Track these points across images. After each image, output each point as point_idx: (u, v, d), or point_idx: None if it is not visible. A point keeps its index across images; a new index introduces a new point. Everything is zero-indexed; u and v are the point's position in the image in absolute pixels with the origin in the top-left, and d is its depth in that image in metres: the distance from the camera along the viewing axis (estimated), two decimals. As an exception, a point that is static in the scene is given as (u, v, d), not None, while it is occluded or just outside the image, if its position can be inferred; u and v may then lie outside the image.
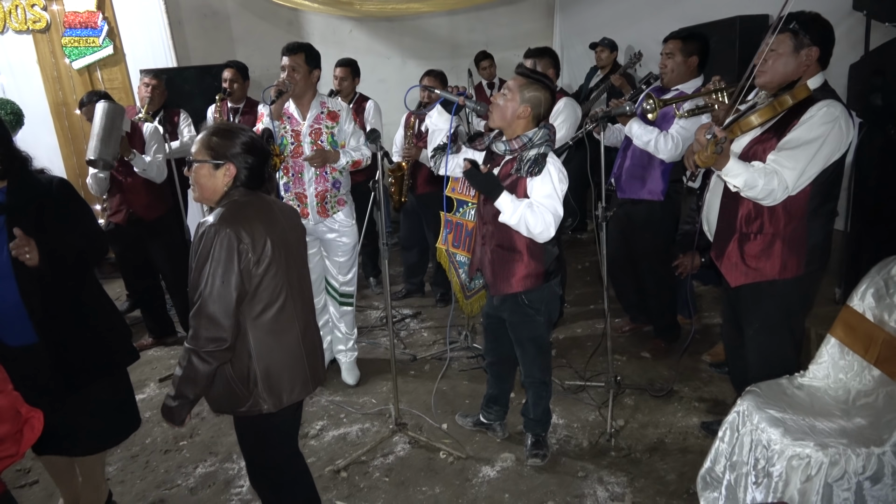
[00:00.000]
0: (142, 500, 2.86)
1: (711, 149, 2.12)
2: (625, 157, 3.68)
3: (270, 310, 1.97)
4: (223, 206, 1.93)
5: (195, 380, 1.92)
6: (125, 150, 3.80)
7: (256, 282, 1.92)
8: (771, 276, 2.43)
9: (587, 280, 5.22)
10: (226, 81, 4.65)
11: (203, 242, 1.85)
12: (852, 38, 3.94)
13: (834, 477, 1.98)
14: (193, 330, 1.87)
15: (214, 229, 1.84)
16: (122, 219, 4.06)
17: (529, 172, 2.48)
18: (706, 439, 2.93)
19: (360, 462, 3.00)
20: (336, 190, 3.50)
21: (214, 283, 1.84)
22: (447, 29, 7.29)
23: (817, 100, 2.28)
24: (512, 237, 2.61)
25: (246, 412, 2.01)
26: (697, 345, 3.83)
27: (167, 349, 4.40)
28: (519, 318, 2.75)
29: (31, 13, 5.31)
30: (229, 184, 1.97)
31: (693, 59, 3.40)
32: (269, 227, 1.95)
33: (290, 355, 2.05)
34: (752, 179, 2.23)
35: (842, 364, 2.41)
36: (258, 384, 1.98)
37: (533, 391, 2.91)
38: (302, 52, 3.33)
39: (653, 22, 5.73)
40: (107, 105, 3.67)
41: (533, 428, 2.97)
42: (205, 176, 1.96)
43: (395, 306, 4.73)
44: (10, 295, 2.22)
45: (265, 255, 1.91)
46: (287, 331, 2.03)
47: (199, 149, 1.97)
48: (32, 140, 5.43)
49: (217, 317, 1.85)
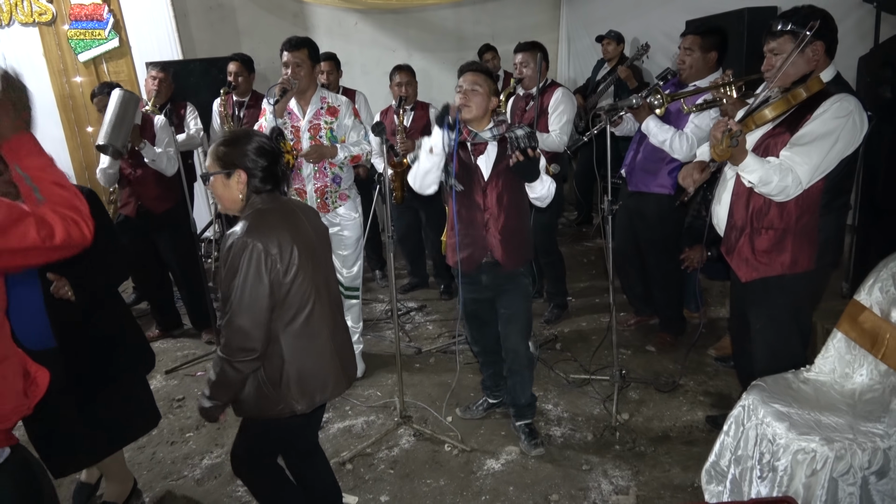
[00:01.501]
0: (149, 491, 2.88)
1: (727, 142, 2.11)
2: (637, 151, 3.65)
3: (300, 315, 1.98)
4: (248, 217, 1.94)
5: (227, 386, 1.96)
6: (136, 139, 3.80)
7: (285, 290, 1.93)
8: (781, 271, 2.42)
9: (592, 273, 5.21)
10: (230, 75, 4.65)
11: (232, 255, 1.87)
12: (862, 31, 3.91)
13: (839, 471, 1.98)
14: (225, 340, 1.90)
15: (242, 242, 1.86)
16: (132, 210, 4.07)
17: (533, 148, 2.60)
18: (711, 433, 2.92)
19: (366, 454, 3.02)
20: (336, 185, 3.49)
21: (244, 295, 1.86)
22: (453, 21, 7.26)
23: (831, 93, 2.25)
24: (515, 217, 2.76)
25: (278, 415, 2.02)
26: (703, 338, 3.81)
27: (174, 341, 4.42)
28: (514, 285, 2.86)
29: (37, 5, 5.31)
30: (244, 190, 1.98)
31: (712, 54, 3.35)
32: (295, 234, 1.96)
33: (321, 356, 2.06)
34: (767, 175, 2.21)
35: (848, 358, 2.39)
36: (290, 387, 1.99)
37: (522, 374, 2.97)
38: (305, 47, 3.32)
39: (660, 14, 5.69)
40: (122, 93, 3.68)
41: (525, 413, 3.04)
42: (220, 186, 1.98)
43: (400, 299, 4.74)
44: (35, 301, 2.27)
45: (293, 263, 1.92)
46: (318, 334, 2.04)
47: (210, 162, 1.99)
48: (38, 133, 5.41)
49: (247, 328, 1.87)
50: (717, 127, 2.22)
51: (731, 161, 2.25)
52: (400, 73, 4.39)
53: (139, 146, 3.84)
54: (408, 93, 4.34)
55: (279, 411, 2.01)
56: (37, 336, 2.28)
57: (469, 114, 2.66)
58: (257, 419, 2.10)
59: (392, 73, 4.44)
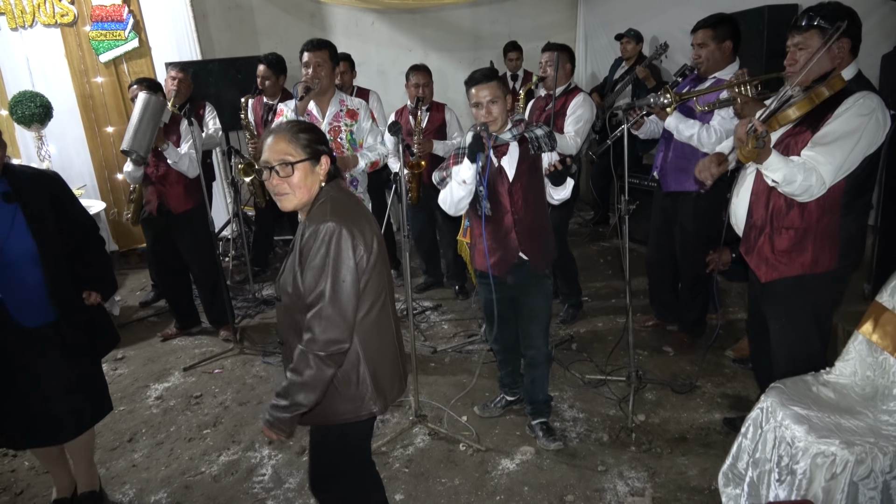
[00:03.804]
0: (167, 487, 2.92)
1: (752, 143, 2.10)
2: (668, 150, 3.59)
3: (375, 308, 1.90)
4: (325, 203, 1.84)
5: (315, 385, 1.81)
6: (160, 140, 3.85)
7: (366, 279, 1.85)
8: (802, 271, 2.39)
9: (608, 274, 5.18)
10: (259, 77, 4.67)
11: (318, 242, 1.77)
12: (885, 28, 3.85)
13: (860, 475, 1.95)
14: (311, 333, 1.78)
15: (333, 227, 1.77)
16: (153, 208, 4.12)
17: (551, 147, 2.76)
18: (729, 435, 2.89)
19: (381, 453, 3.02)
20: (353, 188, 3.49)
21: (336, 283, 1.77)
22: (469, 20, 7.26)
23: (852, 92, 2.22)
24: (541, 216, 2.82)
25: (351, 418, 1.92)
26: (721, 340, 3.78)
27: (192, 339, 4.46)
28: (536, 284, 2.88)
29: (59, 7, 5.39)
30: (326, 177, 1.90)
31: (727, 43, 3.31)
32: (370, 222, 1.91)
33: (391, 353, 1.99)
34: (792, 175, 2.19)
35: (870, 361, 2.36)
36: (368, 387, 1.90)
37: (539, 370, 3.00)
38: (326, 48, 3.35)
39: (678, 11, 5.63)
40: (146, 97, 3.72)
41: (542, 411, 3.06)
42: (305, 175, 1.86)
43: (415, 299, 4.74)
44: (33, 278, 2.38)
45: (373, 251, 1.86)
46: (387, 328, 1.97)
47: (292, 149, 1.85)
48: (60, 132, 5.54)
49: (337, 318, 1.78)
50: (740, 126, 2.19)
51: (756, 161, 2.22)
52: (416, 73, 4.38)
53: (162, 147, 3.89)
54: (425, 94, 4.34)
55: (354, 413, 1.91)
56: (35, 312, 2.39)
57: (496, 125, 2.67)
58: (330, 427, 1.97)
59: (408, 73, 4.43)
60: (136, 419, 3.48)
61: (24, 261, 2.35)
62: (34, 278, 2.37)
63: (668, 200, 3.66)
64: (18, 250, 2.33)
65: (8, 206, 2.33)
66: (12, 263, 2.33)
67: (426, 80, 4.37)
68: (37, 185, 2.43)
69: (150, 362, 4.15)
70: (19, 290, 2.36)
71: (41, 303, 2.39)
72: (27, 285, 2.37)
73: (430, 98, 4.43)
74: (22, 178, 2.41)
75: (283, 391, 1.82)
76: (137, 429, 3.40)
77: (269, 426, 1.85)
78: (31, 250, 2.35)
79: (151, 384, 3.87)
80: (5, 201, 2.33)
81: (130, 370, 4.04)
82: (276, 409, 1.82)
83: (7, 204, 2.33)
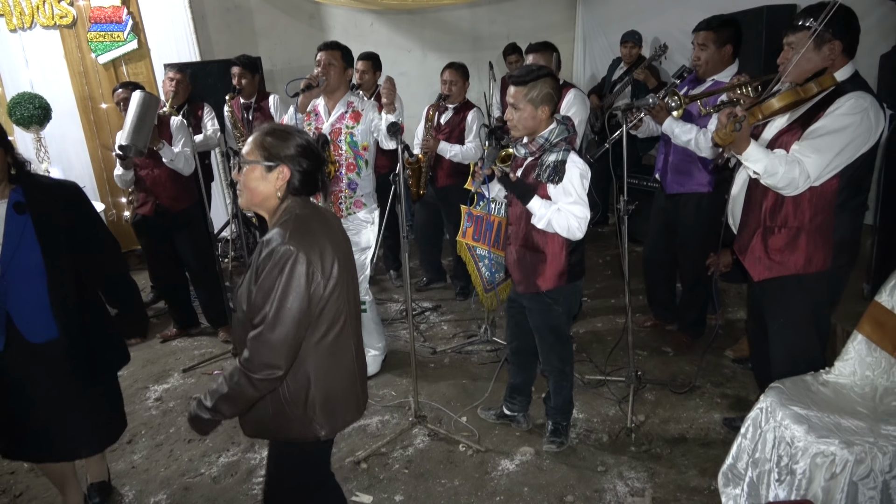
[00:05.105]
0: (166, 488, 2.92)
1: (730, 127, 2.12)
2: (668, 153, 3.60)
3: (332, 332, 1.84)
4: (288, 223, 1.78)
5: (237, 401, 1.80)
6: (154, 140, 3.85)
7: (322, 305, 1.79)
8: (795, 271, 2.39)
9: (608, 274, 5.18)
10: (234, 78, 4.66)
11: (271, 263, 1.71)
12: (883, 28, 3.85)
13: (860, 475, 1.95)
14: (249, 353, 1.73)
15: (287, 250, 1.70)
16: (149, 210, 4.12)
17: (550, 180, 2.55)
18: (728, 435, 2.90)
19: (380, 454, 3.02)
20: (352, 191, 3.44)
21: (280, 309, 1.70)
22: (468, 21, 7.26)
23: (845, 91, 2.23)
24: (535, 238, 2.69)
25: (297, 438, 1.89)
26: (721, 340, 3.78)
27: (191, 340, 4.46)
28: (537, 307, 2.79)
29: (59, 8, 5.39)
30: (282, 189, 1.82)
31: (727, 47, 3.32)
32: (334, 244, 1.83)
33: (347, 377, 1.94)
34: (773, 166, 2.20)
35: (869, 361, 2.36)
36: (316, 409, 1.85)
37: (553, 380, 2.93)
38: (339, 49, 3.36)
39: (678, 12, 5.64)
40: (143, 94, 3.74)
41: (553, 416, 2.99)
42: (256, 178, 1.81)
43: (415, 299, 4.74)
44: (38, 292, 2.30)
45: (332, 276, 1.79)
46: (345, 351, 1.91)
47: (252, 149, 1.82)
48: (59, 134, 5.54)
49: (278, 344, 1.71)
50: (723, 112, 2.21)
51: (734, 149, 2.24)
52: (447, 70, 4.37)
53: (157, 146, 3.89)
54: (451, 91, 4.32)
55: (300, 434, 1.88)
56: (40, 328, 2.32)
57: (516, 132, 2.64)
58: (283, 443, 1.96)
59: (443, 69, 4.42)
60: (135, 420, 3.47)
61: (32, 274, 2.27)
62: (42, 293, 2.29)
63: (671, 202, 3.66)
64: (27, 263, 2.25)
65: (19, 218, 2.24)
66: (21, 277, 2.26)
67: (454, 77, 4.33)
68: (54, 194, 2.35)
69: (150, 363, 4.15)
70: (26, 305, 2.28)
71: (48, 318, 2.32)
72: (34, 300, 2.29)
73: (458, 97, 4.40)
74: (38, 187, 2.33)
75: (211, 393, 1.82)
76: (137, 430, 3.39)
77: (189, 419, 1.88)
78: (39, 263, 2.27)
79: (151, 385, 3.87)
80: (17, 213, 2.24)
81: (130, 371, 4.04)
82: (200, 407, 1.84)
83: (19, 216, 2.24)
